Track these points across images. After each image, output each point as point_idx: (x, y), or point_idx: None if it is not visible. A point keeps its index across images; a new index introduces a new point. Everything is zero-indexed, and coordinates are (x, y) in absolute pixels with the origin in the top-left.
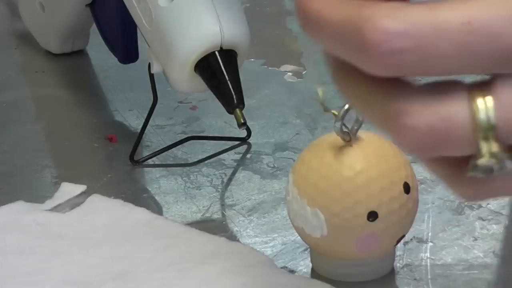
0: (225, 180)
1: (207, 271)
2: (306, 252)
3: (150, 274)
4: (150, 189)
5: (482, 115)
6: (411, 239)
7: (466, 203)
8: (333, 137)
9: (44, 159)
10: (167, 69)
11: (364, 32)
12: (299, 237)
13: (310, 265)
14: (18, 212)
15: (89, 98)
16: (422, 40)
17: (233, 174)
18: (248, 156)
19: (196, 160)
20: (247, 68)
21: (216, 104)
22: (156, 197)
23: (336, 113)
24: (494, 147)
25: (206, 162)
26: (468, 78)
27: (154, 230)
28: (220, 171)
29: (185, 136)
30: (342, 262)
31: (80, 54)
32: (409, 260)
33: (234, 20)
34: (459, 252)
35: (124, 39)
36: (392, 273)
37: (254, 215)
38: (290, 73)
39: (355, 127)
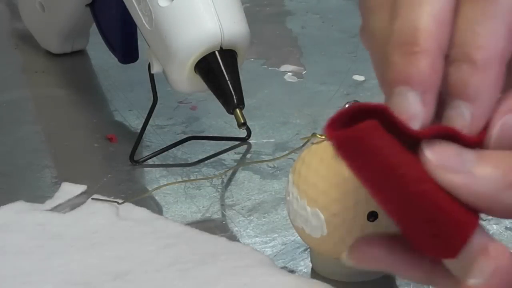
0: (225, 180)
1: (207, 271)
2: (306, 252)
3: (150, 274)
4: (150, 189)
5: None
6: None
7: None
8: None
9: (44, 159)
10: (167, 69)
11: None
12: (299, 237)
13: (310, 265)
14: (18, 212)
15: (89, 98)
16: None
17: (233, 174)
18: (248, 156)
19: (196, 160)
20: (247, 68)
21: (216, 104)
22: (156, 197)
23: None
24: None
25: (206, 162)
26: None
27: (154, 230)
28: (220, 171)
29: (185, 136)
30: (342, 262)
31: (80, 54)
32: None
33: (234, 20)
34: None
35: (124, 39)
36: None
37: (254, 215)
38: (290, 73)
39: None
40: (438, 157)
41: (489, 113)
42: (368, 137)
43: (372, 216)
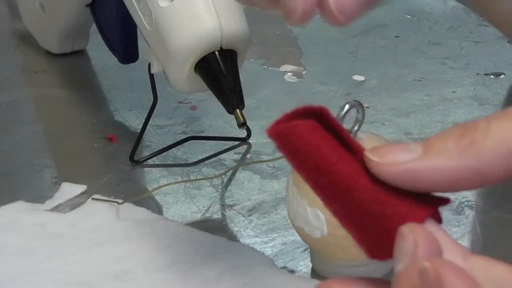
0: (225, 180)
1: (207, 271)
2: (306, 252)
3: (150, 274)
4: (150, 189)
5: None
6: None
7: (466, 203)
8: None
9: (44, 159)
10: (167, 69)
11: None
12: (299, 237)
13: (310, 265)
14: (18, 212)
15: (89, 98)
16: None
17: (233, 174)
18: (248, 156)
19: (196, 160)
20: (247, 68)
21: (216, 104)
22: (156, 197)
23: None
24: None
25: (206, 162)
26: None
27: (154, 230)
28: (220, 171)
29: (185, 136)
30: (342, 262)
31: (80, 54)
32: None
33: (234, 20)
34: None
35: (124, 39)
36: (392, 273)
37: (254, 215)
38: (290, 73)
39: (355, 127)
40: (382, 156)
41: None
42: (303, 132)
43: None
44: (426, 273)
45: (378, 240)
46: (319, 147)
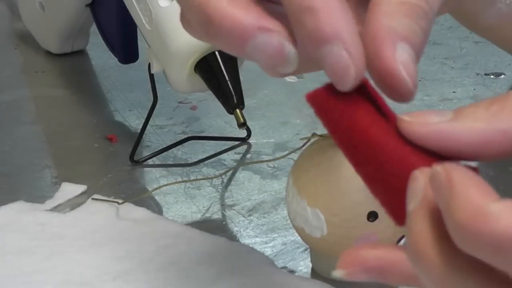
0: (225, 180)
1: (207, 271)
2: (306, 252)
3: (150, 274)
4: (150, 189)
5: None
6: None
7: None
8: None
9: (44, 159)
10: (167, 69)
11: None
12: (299, 237)
13: (310, 265)
14: (18, 212)
15: (89, 98)
16: None
17: (233, 174)
18: (248, 156)
19: (196, 160)
20: (247, 68)
21: (216, 104)
22: (156, 197)
23: None
24: None
25: (206, 162)
26: None
27: (154, 230)
28: (220, 171)
29: (185, 136)
30: None
31: (80, 54)
32: None
33: None
34: None
35: (124, 39)
36: None
37: (254, 215)
38: None
39: None
40: (414, 117)
41: (357, 38)
42: (340, 95)
43: (372, 216)
44: (437, 176)
45: (404, 204)
46: (355, 110)
